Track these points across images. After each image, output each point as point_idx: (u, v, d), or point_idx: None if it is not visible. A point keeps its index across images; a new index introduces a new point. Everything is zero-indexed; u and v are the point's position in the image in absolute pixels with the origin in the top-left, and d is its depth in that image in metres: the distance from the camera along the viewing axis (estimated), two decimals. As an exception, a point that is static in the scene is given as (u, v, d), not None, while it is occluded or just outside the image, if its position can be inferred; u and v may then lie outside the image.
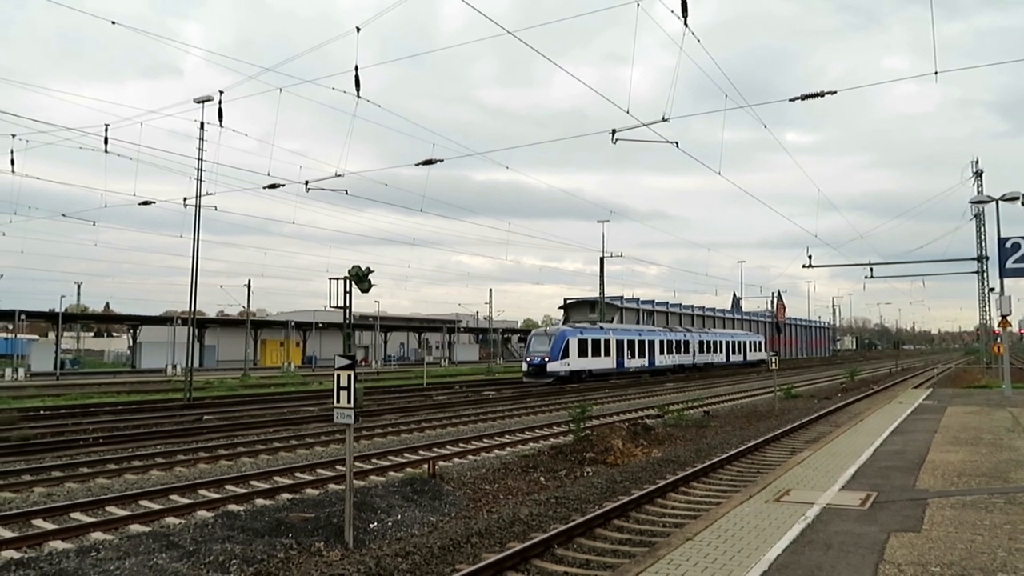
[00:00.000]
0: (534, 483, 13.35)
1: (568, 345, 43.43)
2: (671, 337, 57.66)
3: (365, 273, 25.23)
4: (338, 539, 9.29)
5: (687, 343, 59.73)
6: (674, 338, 58.05)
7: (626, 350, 50.23)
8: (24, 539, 9.54)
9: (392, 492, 11.91)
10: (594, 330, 48.18)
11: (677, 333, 59.68)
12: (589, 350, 45.66)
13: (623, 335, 50.73)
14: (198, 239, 31.15)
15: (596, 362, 46.38)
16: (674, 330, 61.27)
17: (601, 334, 47.96)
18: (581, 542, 9.25)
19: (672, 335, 58.05)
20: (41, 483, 13.31)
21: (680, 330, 62.44)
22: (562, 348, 42.89)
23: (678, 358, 57.69)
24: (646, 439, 18.00)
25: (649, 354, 53.25)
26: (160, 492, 12.34)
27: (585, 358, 45.04)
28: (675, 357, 57.09)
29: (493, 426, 22.40)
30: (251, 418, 23.89)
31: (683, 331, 61.67)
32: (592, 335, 46.78)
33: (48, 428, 20.62)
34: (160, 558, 8.39)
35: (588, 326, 49.49)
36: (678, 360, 57.66)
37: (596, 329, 48.53)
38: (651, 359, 53.54)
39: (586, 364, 45.40)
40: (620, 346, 49.59)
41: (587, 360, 45.36)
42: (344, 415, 9.07)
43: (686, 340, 59.76)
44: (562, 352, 42.80)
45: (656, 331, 57.01)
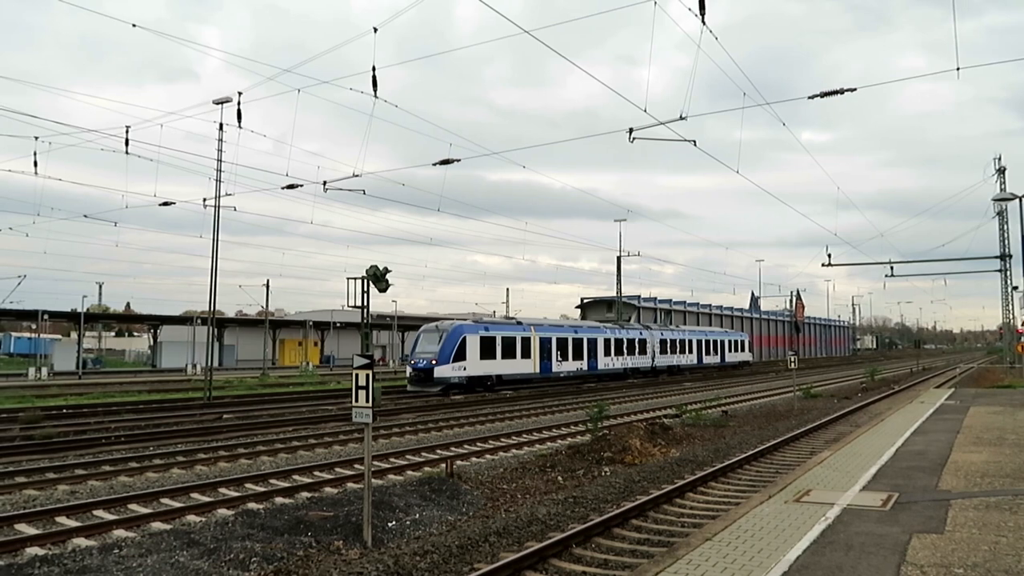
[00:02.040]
0: (552, 482, 13.34)
1: (465, 344, 34.71)
2: (621, 335, 48.42)
3: (383, 273, 25.34)
4: (357, 538, 9.33)
5: (643, 342, 50.69)
6: (625, 336, 48.83)
7: (555, 351, 41.40)
8: (48, 536, 9.66)
9: (410, 491, 11.95)
10: (505, 326, 39.65)
11: (630, 331, 50.56)
12: (498, 351, 37.01)
13: (550, 332, 41.78)
14: (217, 239, 31.40)
15: (509, 366, 37.50)
16: (625, 327, 51.87)
17: (516, 331, 39.31)
18: (599, 542, 9.23)
19: (623, 332, 49.00)
20: (64, 481, 13.47)
21: (636, 327, 53.21)
22: (455, 348, 34.17)
23: (632, 360, 48.97)
24: (664, 439, 17.93)
25: (590, 356, 44.40)
26: (181, 490, 12.45)
27: (491, 360, 36.40)
28: (627, 359, 48.33)
29: (510, 425, 22.40)
30: (270, 417, 24.05)
31: (639, 328, 52.76)
32: (502, 331, 38.03)
33: (71, 426, 20.86)
34: (181, 556, 8.46)
35: (502, 321, 41.79)
36: (632, 363, 48.99)
37: (509, 324, 40.24)
38: (592, 362, 44.55)
39: (492, 368, 36.59)
40: (545, 346, 40.69)
41: (495, 363, 36.67)
42: (362, 414, 9.11)
43: (642, 339, 50.64)
44: (455, 353, 34.06)
45: (600, 328, 47.61)
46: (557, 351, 41.61)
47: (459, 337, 34.75)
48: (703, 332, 62.57)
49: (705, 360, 59.85)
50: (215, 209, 30.72)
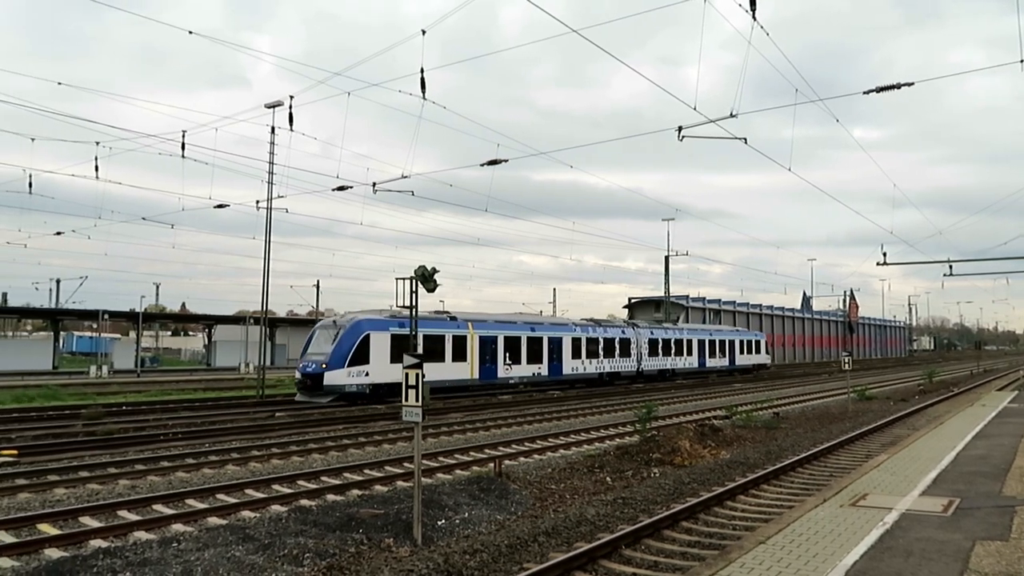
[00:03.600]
0: (600, 483, 13.28)
1: (368, 344, 28.02)
2: (595, 334, 40.83)
3: (431, 273, 25.47)
4: (407, 535, 9.42)
5: (626, 343, 43.04)
6: (601, 335, 41.18)
7: (501, 352, 34.25)
8: (110, 529, 9.98)
9: (459, 490, 12.01)
10: (430, 321, 31.73)
11: (609, 329, 42.72)
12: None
13: (495, 330, 34.46)
14: (269, 241, 32.01)
15: (435, 371, 30.01)
16: (603, 324, 43.64)
17: (446, 327, 32.04)
18: (649, 543, 9.16)
19: (598, 331, 41.30)
20: (125, 476, 13.87)
21: (618, 324, 45.42)
22: (353, 349, 27.54)
23: (611, 363, 41.41)
24: (714, 440, 17.71)
25: (551, 358, 37.19)
26: (236, 486, 12.73)
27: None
28: (603, 362, 40.81)
29: (558, 425, 22.37)
30: (321, 415, 24.42)
31: (621, 326, 44.77)
32: (424, 328, 30.36)
33: (130, 423, 21.47)
34: (237, 550, 8.65)
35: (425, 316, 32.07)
36: (610, 366, 41.38)
37: (435, 320, 32.34)
38: (554, 365, 37.38)
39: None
40: (488, 346, 33.44)
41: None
42: (412, 413, 9.19)
43: (624, 338, 42.95)
44: (353, 355, 27.49)
45: (567, 326, 39.77)
46: (505, 353, 34.39)
47: (359, 335, 28.01)
48: (706, 331, 54.58)
49: (709, 363, 51.89)
50: (267, 211, 31.34)
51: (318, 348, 28.52)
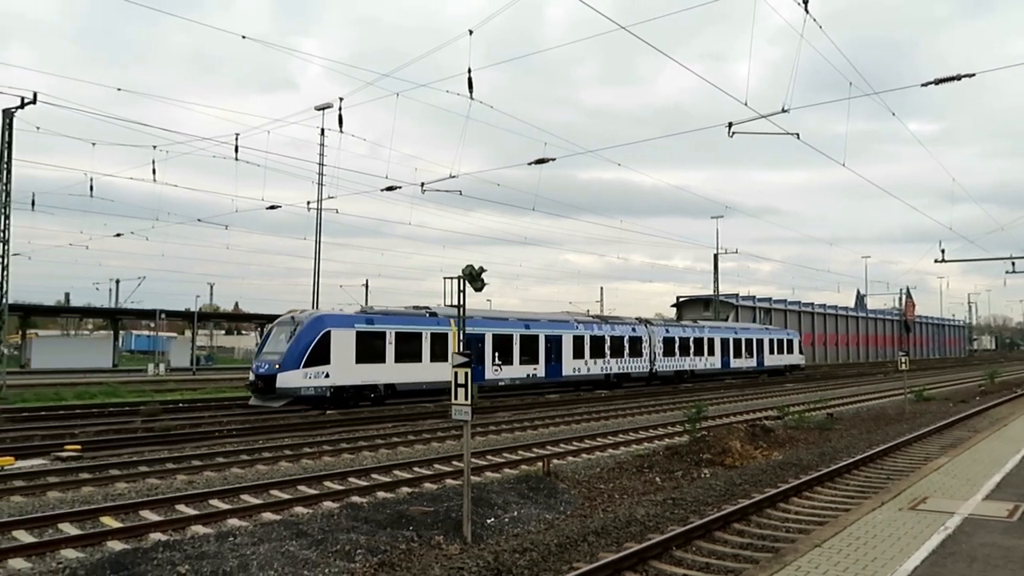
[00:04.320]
0: (649, 483, 13.18)
1: (329, 342, 25.78)
2: (601, 332, 37.81)
3: (478, 272, 25.59)
4: (456, 533, 9.47)
5: (636, 341, 39.84)
6: (608, 334, 38.14)
7: (490, 351, 31.68)
8: (169, 523, 10.25)
9: (507, 489, 12.03)
10: (405, 317, 29.53)
11: (618, 326, 39.57)
12: (389, 351, 27.74)
13: (484, 327, 31.76)
14: (320, 241, 32.54)
15: (409, 372, 28.20)
16: (611, 321, 40.51)
17: (425, 325, 29.58)
18: (700, 545, 9.05)
19: (604, 329, 38.28)
20: (183, 471, 14.24)
21: (629, 321, 41.52)
22: (312, 347, 25.27)
23: (619, 363, 38.60)
24: (765, 441, 17.42)
25: (549, 358, 34.52)
26: (289, 482, 12.96)
27: (376, 364, 27.25)
28: (609, 362, 38.00)
29: (606, 425, 22.27)
30: (370, 413, 24.71)
31: (632, 323, 41.13)
32: (397, 325, 28.37)
33: (187, 420, 22.03)
34: (291, 545, 8.80)
35: (401, 312, 30.68)
36: (619, 367, 38.51)
37: (412, 316, 29.98)
38: (552, 366, 34.73)
39: (380, 374, 27.43)
40: (474, 345, 30.93)
41: (383, 368, 27.51)
42: (461, 412, 9.24)
43: (635, 337, 39.88)
44: (311, 354, 25.17)
45: (568, 323, 36.65)
46: (494, 352, 31.78)
47: (318, 332, 25.70)
48: (730, 329, 50.68)
49: (734, 363, 48.08)
50: (317, 212, 31.86)
51: (273, 347, 26.17)
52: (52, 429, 19.90)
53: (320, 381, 25.41)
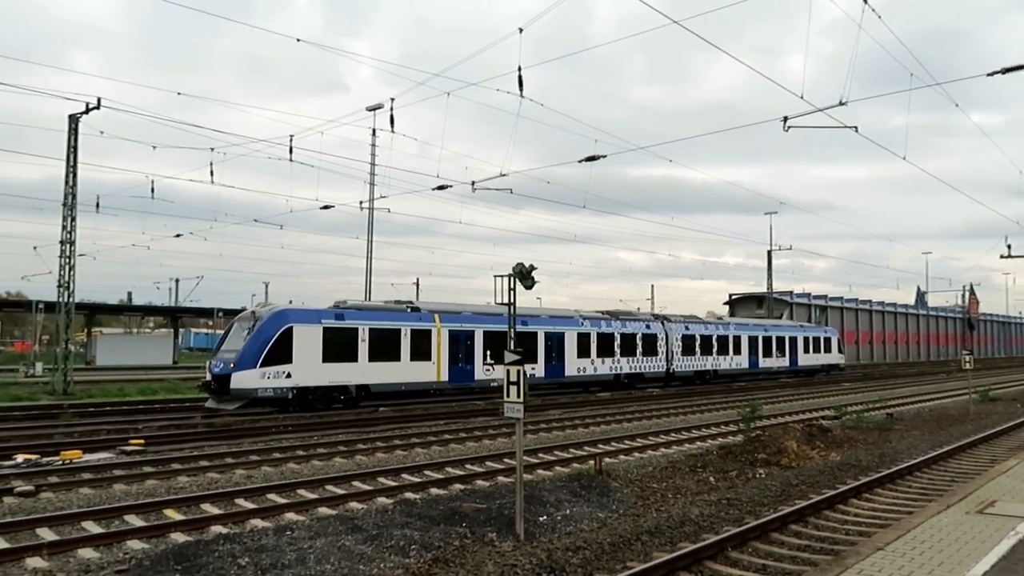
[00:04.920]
0: (703, 483, 13.03)
1: (291, 338, 23.81)
2: (610, 329, 35.54)
3: (528, 270, 25.59)
4: (509, 530, 9.49)
5: (651, 339, 37.32)
6: (618, 331, 35.78)
7: (480, 349, 29.49)
8: (229, 516, 10.50)
9: (559, 487, 12.02)
10: (382, 312, 27.50)
11: (630, 323, 37.11)
12: (363, 348, 25.71)
13: (473, 323, 29.69)
14: (372, 240, 32.94)
15: (386, 371, 26.26)
16: (622, 317, 37.53)
17: (405, 320, 27.43)
18: (756, 546, 8.90)
19: (614, 326, 35.90)
20: (241, 465, 14.56)
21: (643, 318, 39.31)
22: (270, 345, 23.32)
23: (631, 363, 36.12)
24: (823, 441, 17.06)
25: (549, 358, 32.34)
26: (344, 478, 13.16)
27: (347, 364, 25.22)
28: (619, 362, 35.57)
29: (658, 424, 22.08)
30: (423, 411, 24.94)
31: (646, 319, 38.96)
32: (371, 320, 26.32)
33: (245, 416, 22.52)
34: (346, 540, 8.93)
35: (379, 306, 28.51)
36: (630, 366, 36.08)
37: (390, 312, 27.93)
38: (553, 365, 32.49)
39: (352, 374, 25.36)
40: (462, 343, 28.74)
41: (355, 368, 25.45)
42: (514, 409, 9.25)
43: (649, 334, 37.28)
44: (270, 352, 23.26)
45: (573, 320, 34.15)
46: (485, 351, 29.61)
47: (278, 328, 23.72)
48: (760, 326, 46.84)
49: (763, 363, 44.95)
50: (369, 211, 32.26)
51: (231, 345, 24.26)
52: (117, 424, 20.55)
53: (280, 382, 23.48)
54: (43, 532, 9.59)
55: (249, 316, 25.16)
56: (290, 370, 23.60)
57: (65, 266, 30.03)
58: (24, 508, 10.95)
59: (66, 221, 29.84)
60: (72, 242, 30.06)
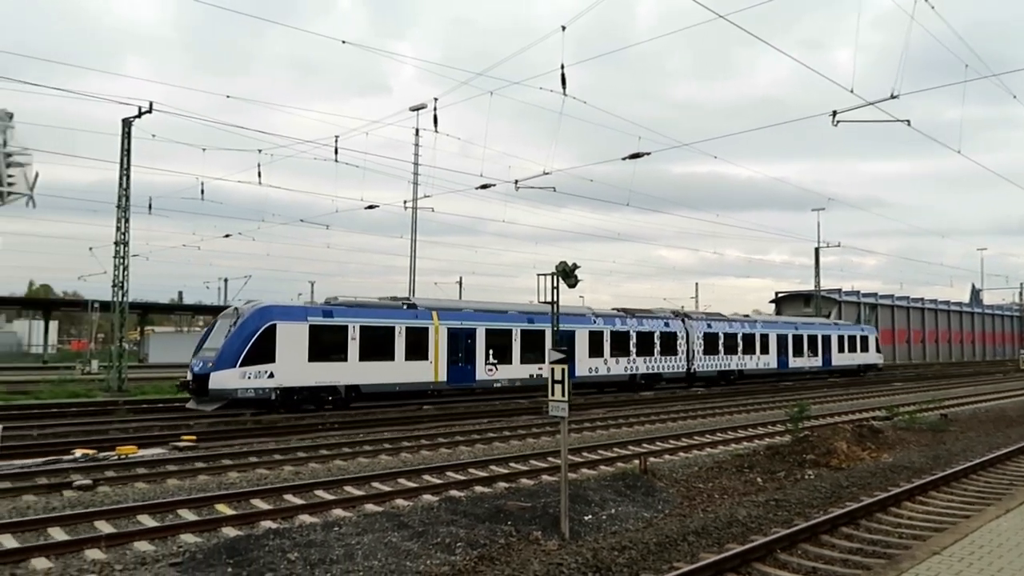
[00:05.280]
0: (750, 484, 12.86)
1: (274, 336, 22.66)
2: (624, 328, 33.75)
3: (571, 269, 25.47)
4: (554, 529, 9.48)
5: (670, 338, 35.60)
6: (633, 329, 34.06)
7: (482, 349, 28.09)
8: (278, 511, 10.68)
9: (604, 486, 11.97)
10: (374, 310, 26.13)
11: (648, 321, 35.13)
12: (352, 347, 24.41)
13: (474, 321, 28.26)
14: (415, 239, 33.20)
15: (378, 371, 24.98)
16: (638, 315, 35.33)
17: (399, 318, 26.20)
18: (806, 548, 8.76)
19: (628, 324, 34.05)
20: (289, 462, 14.79)
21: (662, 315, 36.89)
22: (251, 343, 22.22)
23: (647, 363, 34.34)
24: (873, 442, 16.70)
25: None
26: (389, 475, 13.29)
27: (336, 363, 24.01)
28: (635, 362, 33.75)
29: (703, 423, 21.85)
30: (465, 409, 25.07)
31: (665, 317, 36.57)
32: (361, 318, 24.99)
33: (292, 413, 22.87)
34: (393, 536, 9.02)
35: (372, 303, 26.91)
36: (646, 366, 34.28)
37: (384, 308, 26.67)
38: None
39: (340, 374, 24.14)
40: (462, 341, 27.46)
41: (344, 367, 24.22)
42: (559, 408, 9.24)
43: (668, 332, 35.58)
44: (251, 351, 22.14)
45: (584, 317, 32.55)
46: (487, 349, 28.13)
47: (260, 326, 22.54)
48: (790, 324, 44.71)
49: (793, 363, 42.76)
50: (412, 210, 32.52)
51: (213, 343, 23.32)
52: (169, 420, 21.06)
53: (262, 382, 22.30)
54: (101, 525, 9.87)
55: (232, 313, 24.19)
56: (273, 370, 22.51)
57: (119, 266, 30.86)
58: (83, 501, 11.28)
59: (120, 222, 30.65)
60: (126, 243, 30.87)
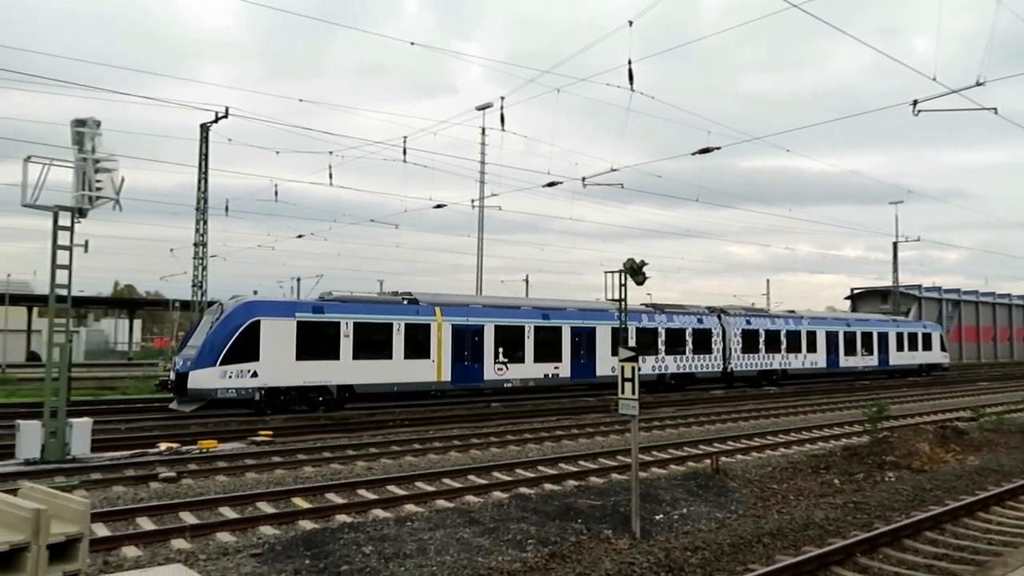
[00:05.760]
0: (827, 485, 12.52)
1: (256, 334, 21.50)
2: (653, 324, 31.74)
3: (639, 266, 25.24)
4: (625, 528, 9.43)
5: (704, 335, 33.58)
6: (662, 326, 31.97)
7: (490, 347, 26.35)
8: (352, 506, 10.92)
9: (675, 485, 11.84)
10: (370, 305, 24.79)
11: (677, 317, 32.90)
12: (346, 344, 23.18)
13: (482, 317, 26.58)
14: (482, 238, 33.42)
15: (375, 370, 23.68)
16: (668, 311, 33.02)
17: (398, 314, 24.73)
18: (888, 552, 8.48)
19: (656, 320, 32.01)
20: (361, 457, 15.10)
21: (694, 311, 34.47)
22: (233, 340, 21.14)
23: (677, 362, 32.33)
24: (958, 444, 16.06)
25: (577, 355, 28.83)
26: (459, 472, 13.43)
27: (327, 361, 22.77)
28: (663, 360, 31.76)
29: (776, 423, 21.38)
30: (534, 407, 25.13)
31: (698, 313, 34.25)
32: (355, 314, 23.66)
33: (363, 410, 23.34)
34: (464, 532, 9.12)
35: (366, 298, 25.75)
36: (676, 365, 32.22)
37: (382, 304, 25.43)
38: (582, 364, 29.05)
39: (332, 373, 22.86)
40: (468, 339, 25.91)
41: (336, 366, 22.94)
42: (629, 406, 9.18)
43: (701, 329, 33.52)
44: (231, 350, 21.02)
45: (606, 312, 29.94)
46: (497, 347, 26.47)
47: (242, 322, 21.41)
48: (841, 320, 41.78)
49: (845, 362, 40.13)
50: (479, 209, 32.73)
51: (196, 340, 22.17)
52: (247, 416, 21.70)
53: (245, 381, 21.17)
54: (185, 516, 10.27)
55: (216, 309, 23.09)
56: (256, 368, 21.33)
57: (198, 266, 32.03)
58: (168, 493, 11.76)
59: (199, 224, 31.81)
60: (204, 244, 32.01)
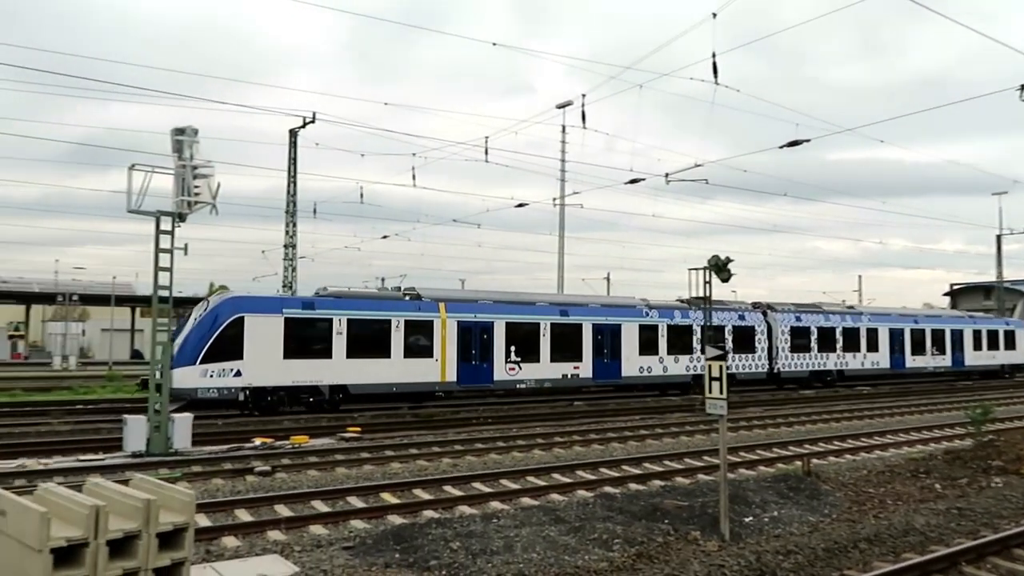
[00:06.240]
0: (927, 490, 11.99)
1: (240, 332, 20.57)
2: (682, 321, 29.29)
3: (724, 262, 24.76)
4: (713, 530, 9.26)
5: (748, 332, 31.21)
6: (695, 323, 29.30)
7: (501, 346, 24.82)
8: (439, 502, 11.10)
9: (764, 487, 11.56)
10: (366, 301, 23.56)
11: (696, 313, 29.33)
12: (339, 342, 22.01)
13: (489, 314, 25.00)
14: (563, 236, 33.39)
15: (370, 369, 22.49)
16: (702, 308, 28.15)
17: (395, 310, 23.39)
18: (996, 562, 8.08)
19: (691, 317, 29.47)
20: (447, 454, 15.32)
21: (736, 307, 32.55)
22: (213, 339, 20.29)
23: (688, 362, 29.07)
24: (1073, 449, 15.10)
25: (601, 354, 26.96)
26: (544, 470, 13.47)
27: (319, 360, 21.70)
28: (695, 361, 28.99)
29: (871, 424, 20.62)
30: (617, 405, 24.96)
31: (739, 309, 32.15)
32: (350, 310, 22.48)
33: (447, 407, 23.67)
34: (550, 530, 9.13)
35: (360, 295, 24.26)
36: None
37: (377, 299, 24.10)
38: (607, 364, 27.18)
39: (324, 372, 21.74)
40: (475, 335, 24.44)
41: (329, 365, 21.82)
42: (717, 406, 9.02)
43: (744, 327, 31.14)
44: (212, 348, 20.20)
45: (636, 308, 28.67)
46: (509, 346, 24.95)
47: (225, 319, 20.55)
48: (908, 318, 38.15)
49: (912, 362, 36.83)
50: (560, 207, 32.71)
51: (180, 337, 21.05)
52: (335, 413, 22.33)
53: (227, 381, 20.26)
54: (280, 508, 10.64)
55: (202, 305, 22.16)
56: (240, 367, 20.42)
57: (288, 267, 33.16)
58: (263, 486, 12.21)
59: (288, 227, 32.93)
60: (294, 245, 33.11)
